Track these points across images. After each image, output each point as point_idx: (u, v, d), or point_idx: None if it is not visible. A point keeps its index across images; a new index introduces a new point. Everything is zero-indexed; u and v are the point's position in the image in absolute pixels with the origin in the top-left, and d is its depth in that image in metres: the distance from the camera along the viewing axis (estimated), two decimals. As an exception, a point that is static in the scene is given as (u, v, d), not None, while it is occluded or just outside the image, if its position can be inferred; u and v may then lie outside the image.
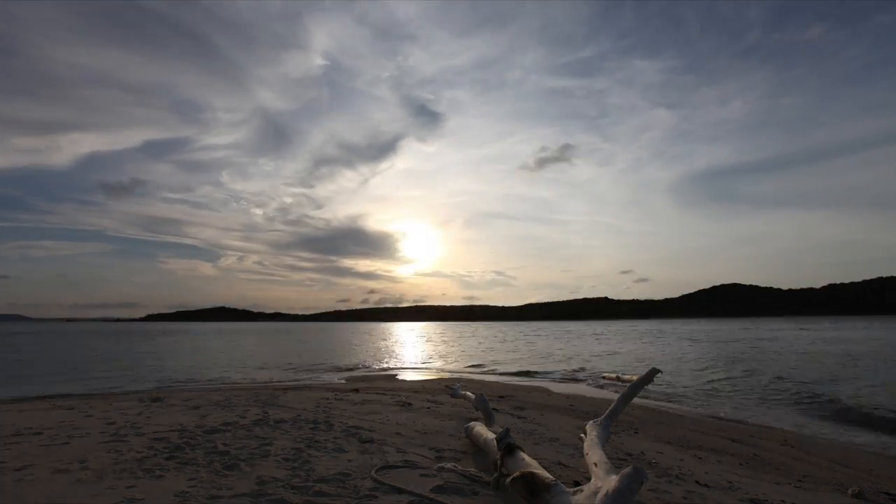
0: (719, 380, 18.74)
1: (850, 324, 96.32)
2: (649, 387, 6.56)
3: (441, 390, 12.53)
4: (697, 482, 5.20)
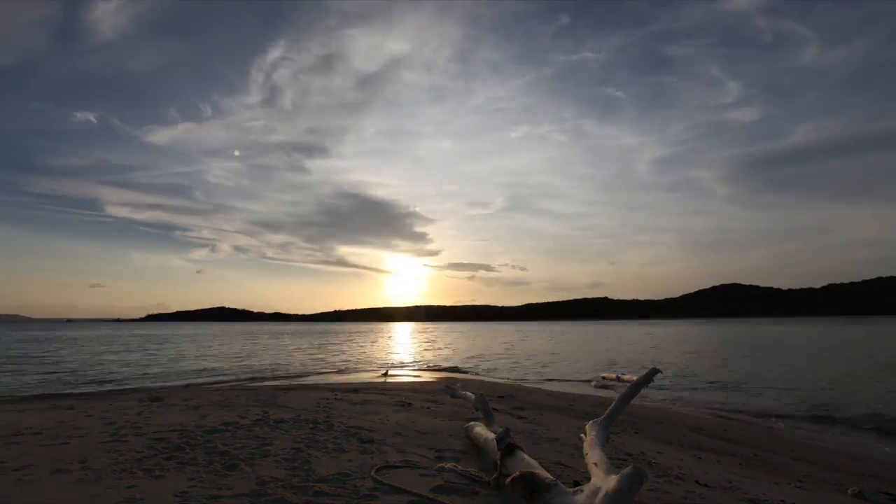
0: (719, 380, 18.74)
1: (852, 324, 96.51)
2: (649, 386, 6.57)
3: (441, 390, 12.54)
4: (697, 482, 5.20)
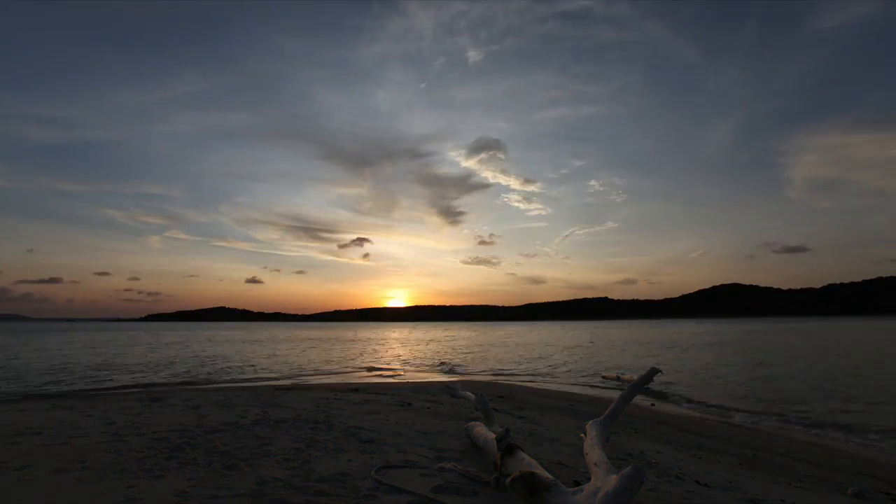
0: (719, 380, 18.74)
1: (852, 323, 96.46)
2: (649, 387, 6.58)
3: (441, 390, 12.53)
4: (697, 482, 5.21)
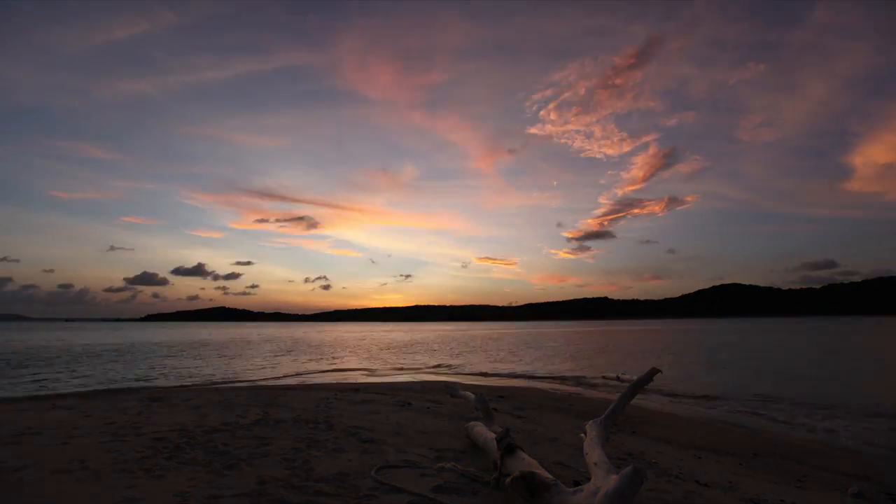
0: (718, 380, 18.74)
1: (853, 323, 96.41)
2: (649, 387, 6.58)
3: (441, 390, 12.53)
4: (697, 482, 5.21)
